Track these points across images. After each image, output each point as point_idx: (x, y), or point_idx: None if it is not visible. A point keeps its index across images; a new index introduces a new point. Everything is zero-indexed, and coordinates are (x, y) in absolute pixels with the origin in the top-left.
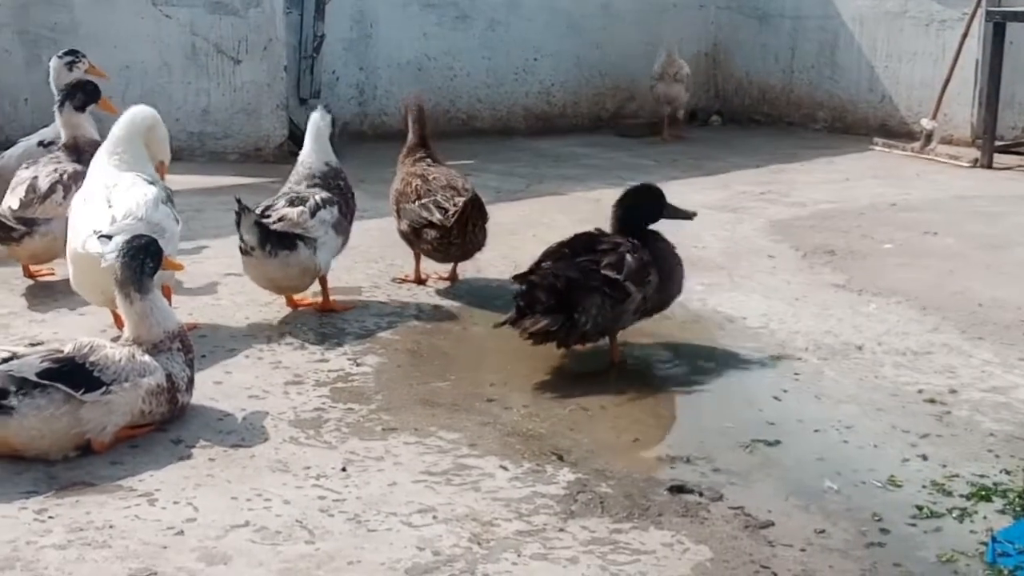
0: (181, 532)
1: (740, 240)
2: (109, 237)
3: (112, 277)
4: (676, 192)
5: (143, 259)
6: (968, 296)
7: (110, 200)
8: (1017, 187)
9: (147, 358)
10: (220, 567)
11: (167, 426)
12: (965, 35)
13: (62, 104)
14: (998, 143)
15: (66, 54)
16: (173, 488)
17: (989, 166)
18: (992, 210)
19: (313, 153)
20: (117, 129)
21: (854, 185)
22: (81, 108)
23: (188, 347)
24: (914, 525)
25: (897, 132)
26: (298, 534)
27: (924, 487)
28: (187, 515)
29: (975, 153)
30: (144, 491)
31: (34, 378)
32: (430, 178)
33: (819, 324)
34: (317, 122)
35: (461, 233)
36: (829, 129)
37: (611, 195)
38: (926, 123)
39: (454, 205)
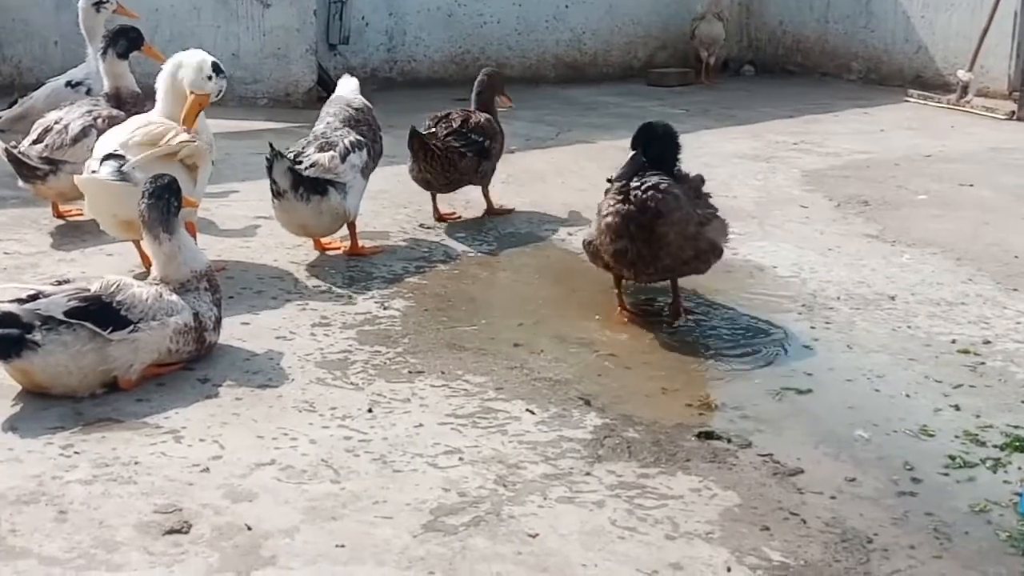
0: (207, 469)
1: (772, 190)
2: (118, 157)
3: (117, 200)
4: (708, 141)
5: (168, 198)
6: (1004, 247)
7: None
8: None
9: (174, 297)
10: (245, 504)
11: (194, 365)
12: None
13: (105, 51)
14: None
15: None
16: (199, 426)
17: None
18: None
19: (343, 97)
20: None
21: (889, 136)
22: (124, 55)
23: (215, 287)
24: (946, 475)
25: (932, 84)
26: (323, 473)
27: (957, 437)
28: (213, 453)
29: (1011, 106)
30: (170, 428)
31: (61, 316)
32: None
33: (852, 274)
34: (348, 78)
35: (428, 162)
36: (863, 80)
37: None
38: (962, 74)
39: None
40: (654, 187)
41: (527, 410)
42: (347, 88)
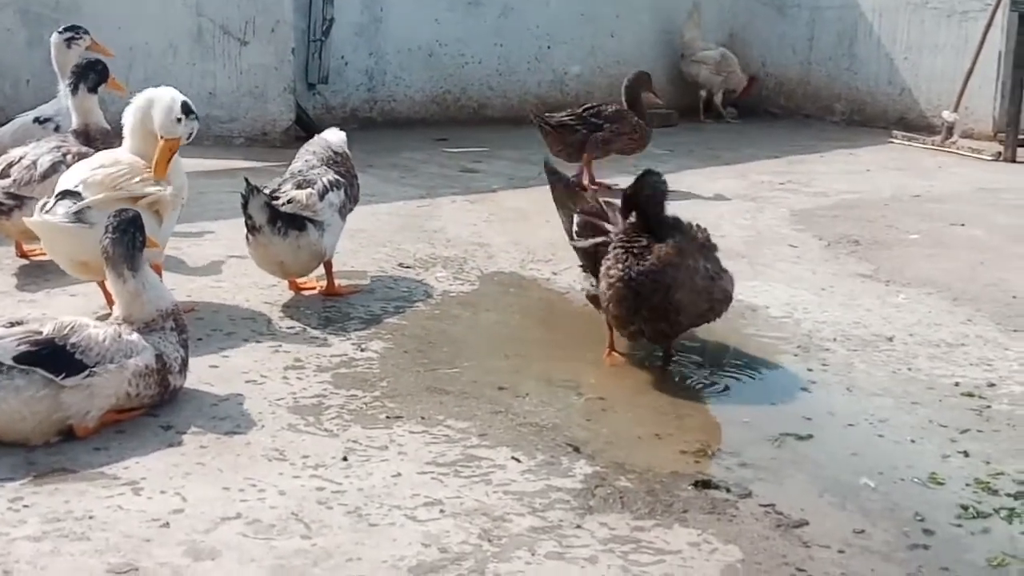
0: (167, 524)
1: (761, 229)
2: (73, 195)
3: (71, 242)
4: (694, 182)
5: (133, 233)
6: (1002, 288)
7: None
8: None
9: (135, 337)
10: (207, 563)
11: (157, 411)
12: (989, 26)
13: (75, 87)
14: (1020, 137)
15: (66, 30)
16: (160, 477)
17: (1013, 160)
18: (1019, 203)
19: (324, 139)
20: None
21: (876, 176)
22: (94, 89)
23: (182, 327)
24: (960, 526)
25: (916, 125)
26: (293, 528)
27: (968, 485)
28: (174, 506)
29: (996, 147)
30: (129, 479)
31: (10, 363)
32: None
33: (846, 314)
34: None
35: (545, 137)
36: (847, 122)
37: (624, 183)
38: (947, 115)
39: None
40: (657, 260)
41: (512, 458)
42: (332, 136)
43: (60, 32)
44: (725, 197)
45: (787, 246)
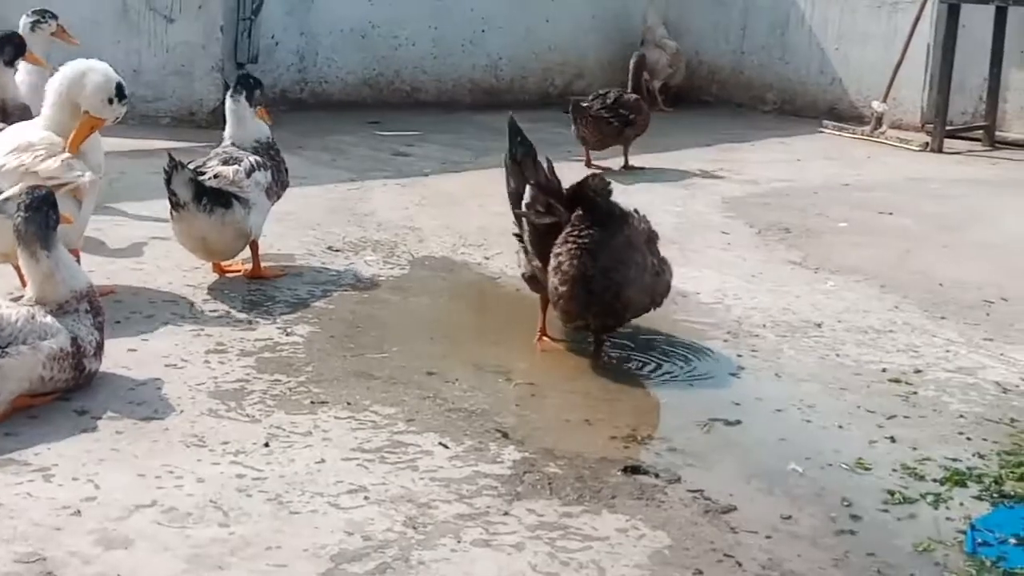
0: (78, 512)
1: (692, 216)
2: None
3: None
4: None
5: (47, 211)
6: (928, 275)
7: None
8: (969, 171)
9: (49, 319)
10: (119, 552)
11: (71, 395)
12: (918, 18)
13: None
14: (947, 128)
15: (34, 13)
16: (73, 463)
17: (940, 150)
18: (946, 192)
19: (238, 135)
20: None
21: (806, 165)
22: (10, 63)
23: (97, 309)
24: (886, 511)
25: (846, 115)
26: (211, 516)
27: (895, 470)
28: (86, 493)
29: (924, 137)
30: (40, 466)
31: None
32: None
33: (776, 301)
34: (230, 106)
35: (585, 126)
36: (778, 111)
37: (557, 169)
38: (877, 106)
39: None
40: (610, 258)
41: (440, 444)
42: (239, 119)
43: (28, 15)
44: (657, 183)
45: (718, 233)
